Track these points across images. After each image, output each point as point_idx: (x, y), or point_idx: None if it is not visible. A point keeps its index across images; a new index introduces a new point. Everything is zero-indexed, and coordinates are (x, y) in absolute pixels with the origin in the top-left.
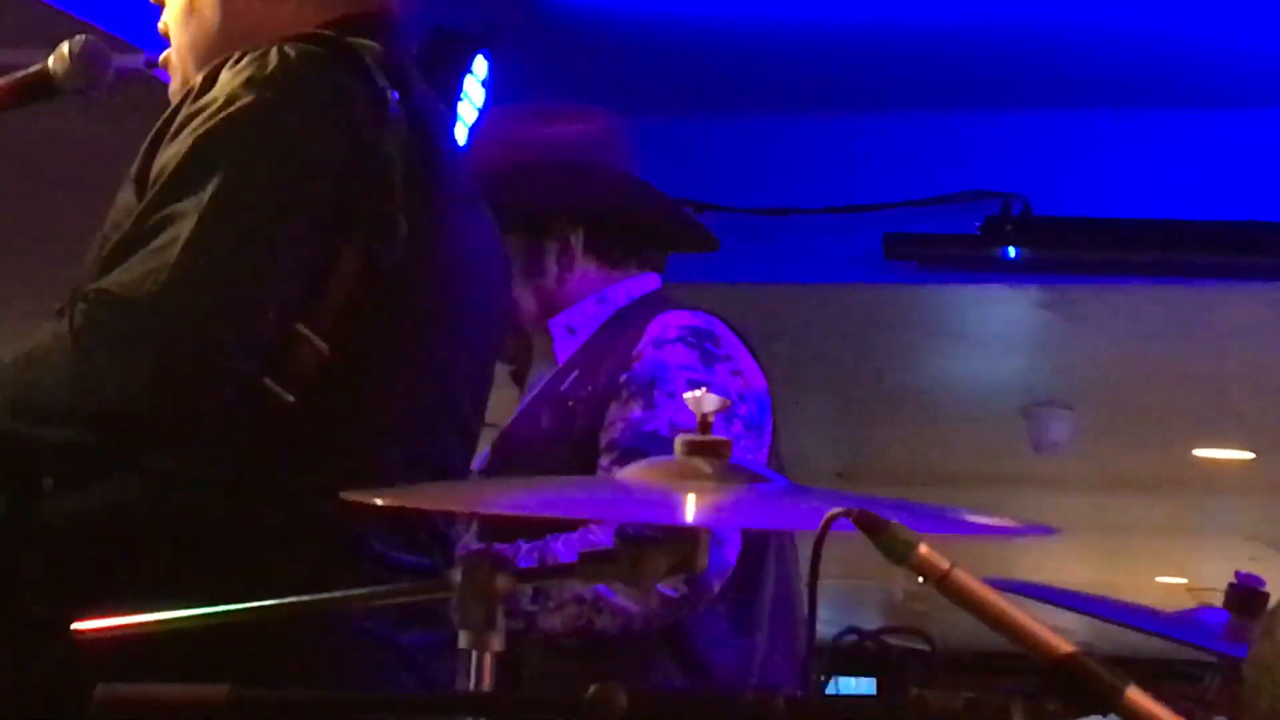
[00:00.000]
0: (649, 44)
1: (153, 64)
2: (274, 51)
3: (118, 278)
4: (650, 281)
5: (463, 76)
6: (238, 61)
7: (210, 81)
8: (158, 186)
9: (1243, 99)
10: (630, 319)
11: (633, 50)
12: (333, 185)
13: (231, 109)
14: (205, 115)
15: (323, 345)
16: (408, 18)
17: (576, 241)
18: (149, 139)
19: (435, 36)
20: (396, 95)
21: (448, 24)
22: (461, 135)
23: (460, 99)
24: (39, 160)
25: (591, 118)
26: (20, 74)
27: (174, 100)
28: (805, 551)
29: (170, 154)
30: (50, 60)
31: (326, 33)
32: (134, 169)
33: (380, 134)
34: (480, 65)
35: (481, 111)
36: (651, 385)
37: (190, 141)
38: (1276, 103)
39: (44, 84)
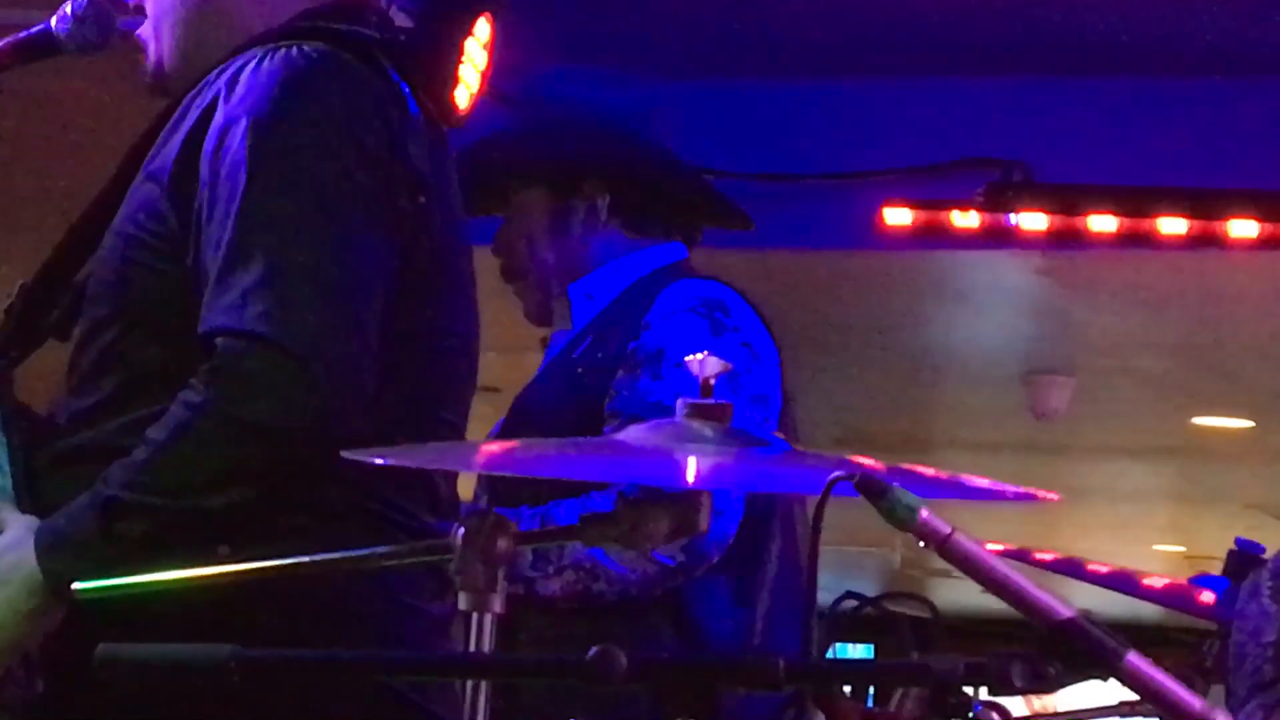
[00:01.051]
0: (648, 7)
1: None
2: (297, 53)
3: (240, 318)
4: (674, 251)
5: (464, 39)
6: (260, 62)
7: (234, 83)
8: (234, 216)
9: (1245, 66)
10: (645, 288)
11: (632, 13)
12: (380, 184)
13: (277, 122)
14: (246, 127)
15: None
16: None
17: (603, 205)
18: (169, 131)
19: None
20: (407, 88)
21: None
22: (464, 100)
23: (461, 63)
24: (38, 121)
25: (635, 86)
26: (23, 33)
27: (149, 78)
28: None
29: (224, 178)
30: (54, 19)
31: (335, 26)
32: (157, 165)
33: (405, 129)
34: (482, 28)
35: (483, 75)
36: (659, 356)
37: (246, 165)
38: (1272, 71)
39: (47, 43)
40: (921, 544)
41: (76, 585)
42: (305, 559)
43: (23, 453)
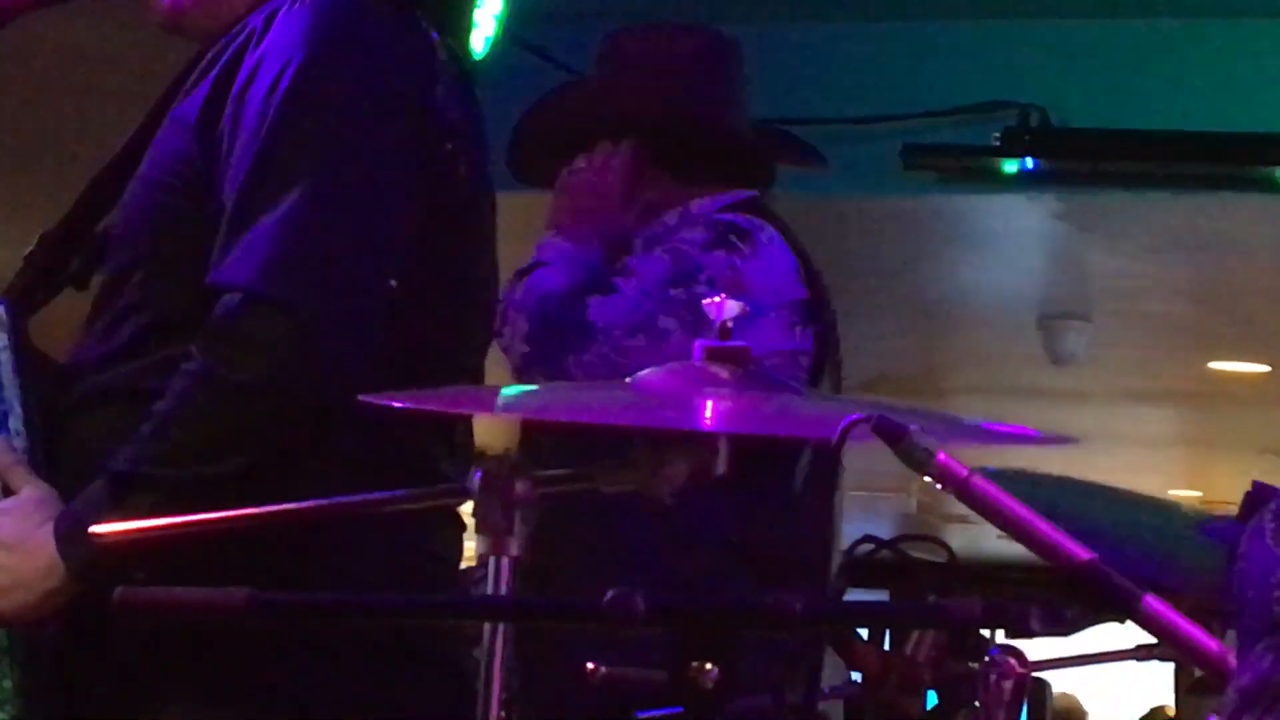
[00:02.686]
0: None
1: None
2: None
3: (244, 272)
4: (735, 195)
5: (473, 6)
6: (294, 5)
7: (268, 26)
8: (251, 160)
9: (1264, 9)
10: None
11: None
12: (412, 131)
13: (309, 65)
14: (277, 69)
15: (394, 282)
16: None
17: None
18: (199, 75)
19: None
20: (436, 36)
21: None
22: (479, 44)
23: (476, 6)
24: (49, 66)
25: (683, 38)
26: None
27: (162, 16)
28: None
29: (249, 117)
30: None
31: None
32: (184, 109)
33: (435, 75)
34: None
35: (499, 20)
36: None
37: (275, 106)
38: None
39: None
40: (939, 486)
41: (95, 529)
42: (321, 502)
43: (39, 402)
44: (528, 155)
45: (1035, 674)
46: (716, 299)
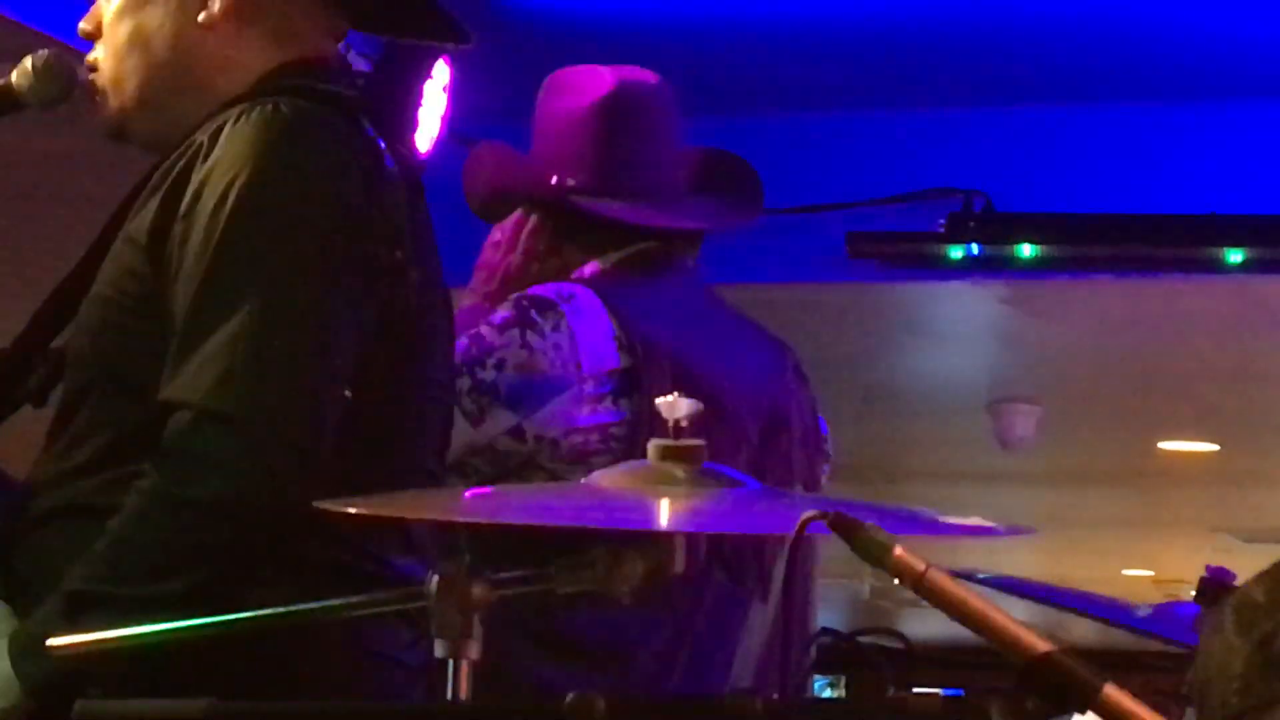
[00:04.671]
0: (609, 46)
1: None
2: (273, 110)
3: (195, 389)
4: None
5: (423, 82)
6: (238, 120)
7: (213, 141)
8: (200, 277)
9: (1202, 92)
10: None
11: (593, 52)
12: (361, 241)
13: (255, 180)
14: (223, 186)
15: (347, 392)
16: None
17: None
18: (148, 193)
19: (395, 42)
20: (384, 143)
21: None
22: (424, 143)
23: (421, 106)
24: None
25: (590, 87)
26: None
27: (109, 126)
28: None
29: (197, 233)
30: (13, 74)
31: (310, 83)
32: (135, 226)
33: (382, 182)
34: (441, 70)
35: (443, 119)
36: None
37: (222, 223)
38: (1234, 95)
39: (7, 98)
40: (896, 581)
41: (51, 641)
42: (278, 610)
43: None
44: (476, 212)
45: None
46: (670, 398)
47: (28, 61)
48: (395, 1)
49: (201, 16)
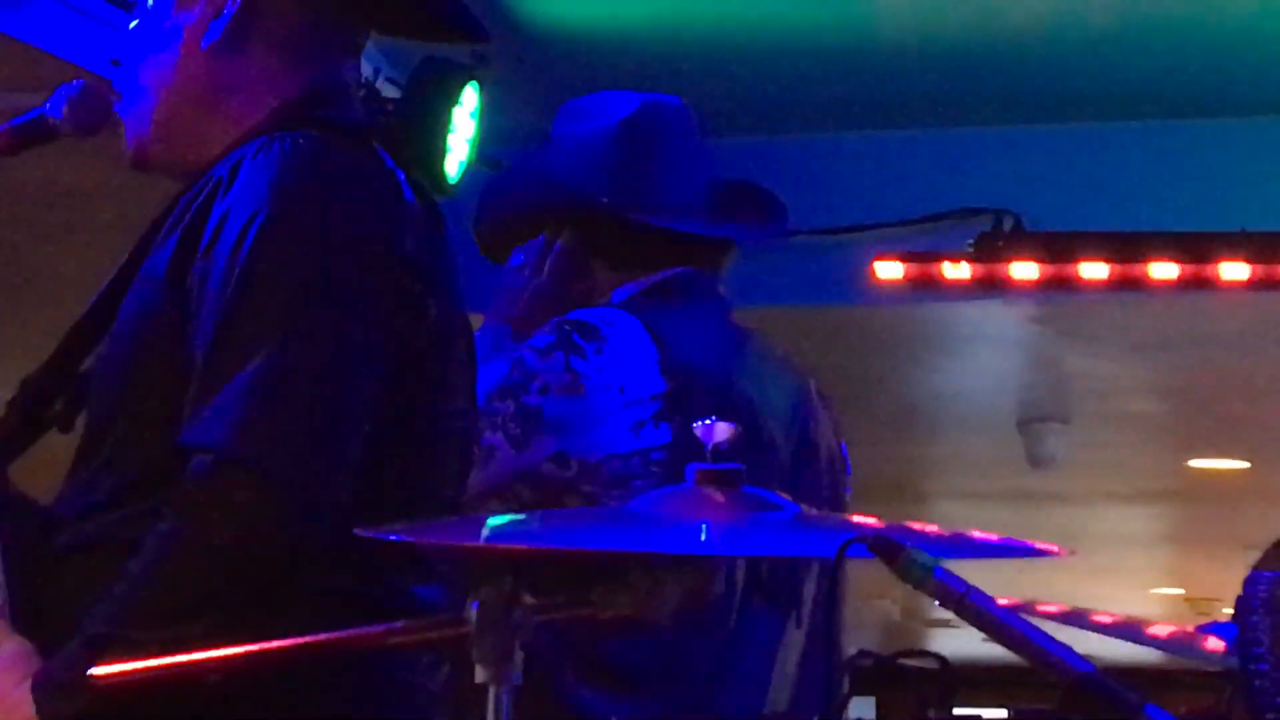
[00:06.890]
0: (634, 69)
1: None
2: (291, 145)
3: (215, 433)
4: (659, 276)
5: (452, 108)
6: (257, 154)
7: (233, 175)
8: (219, 317)
9: (1231, 110)
10: None
11: (618, 76)
12: (380, 277)
13: (275, 218)
14: (243, 223)
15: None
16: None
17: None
18: (170, 226)
19: (424, 67)
20: (402, 174)
21: (437, 55)
22: (453, 168)
23: (450, 131)
24: (30, 206)
25: (614, 108)
26: (18, 119)
27: (130, 157)
28: None
29: (216, 272)
30: (47, 104)
31: (330, 115)
32: (157, 261)
33: (400, 215)
34: (469, 96)
35: (471, 143)
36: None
37: (241, 262)
38: (1263, 112)
39: (42, 129)
40: (938, 603)
41: (92, 671)
42: (308, 639)
43: (20, 553)
44: (483, 239)
45: None
46: (706, 422)
47: (64, 91)
48: (413, 1)
49: (204, 42)
